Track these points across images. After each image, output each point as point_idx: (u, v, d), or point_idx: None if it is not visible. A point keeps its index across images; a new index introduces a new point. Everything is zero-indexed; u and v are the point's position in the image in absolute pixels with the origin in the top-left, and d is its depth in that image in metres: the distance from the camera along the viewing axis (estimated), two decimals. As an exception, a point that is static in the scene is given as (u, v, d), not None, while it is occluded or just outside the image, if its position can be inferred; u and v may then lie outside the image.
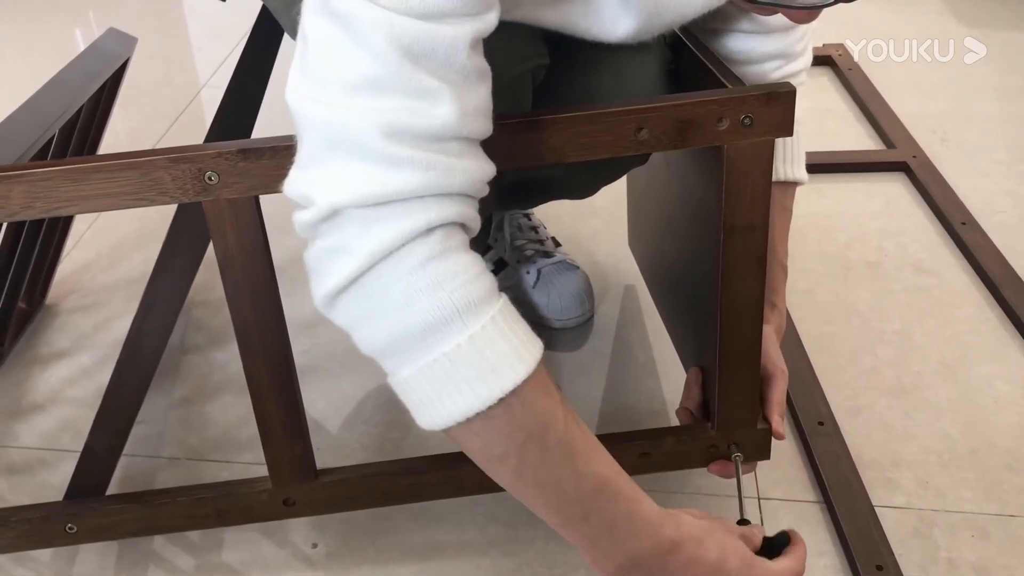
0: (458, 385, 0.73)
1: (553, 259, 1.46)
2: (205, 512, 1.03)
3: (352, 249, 0.71)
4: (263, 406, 0.97)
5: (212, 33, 2.57)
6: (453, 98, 0.70)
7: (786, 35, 1.06)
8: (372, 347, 0.76)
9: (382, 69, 0.69)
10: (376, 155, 0.69)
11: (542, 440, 0.77)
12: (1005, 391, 1.32)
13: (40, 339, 1.48)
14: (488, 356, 0.73)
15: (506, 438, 0.77)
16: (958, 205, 1.69)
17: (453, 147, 0.72)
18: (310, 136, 0.72)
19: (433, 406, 0.75)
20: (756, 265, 0.93)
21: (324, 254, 0.73)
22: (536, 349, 0.77)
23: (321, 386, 1.35)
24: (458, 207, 0.73)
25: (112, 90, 1.44)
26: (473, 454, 0.80)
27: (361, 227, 0.71)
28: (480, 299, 0.73)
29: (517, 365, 0.74)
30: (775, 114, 0.86)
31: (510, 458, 0.78)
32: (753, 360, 0.98)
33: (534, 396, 0.76)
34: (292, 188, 0.74)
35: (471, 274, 0.73)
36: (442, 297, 0.71)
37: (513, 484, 0.81)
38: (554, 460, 0.78)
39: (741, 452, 1.03)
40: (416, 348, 0.73)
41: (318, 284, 0.75)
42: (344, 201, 0.70)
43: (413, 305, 0.71)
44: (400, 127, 0.69)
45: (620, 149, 0.87)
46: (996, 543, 1.11)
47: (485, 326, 0.73)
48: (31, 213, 0.84)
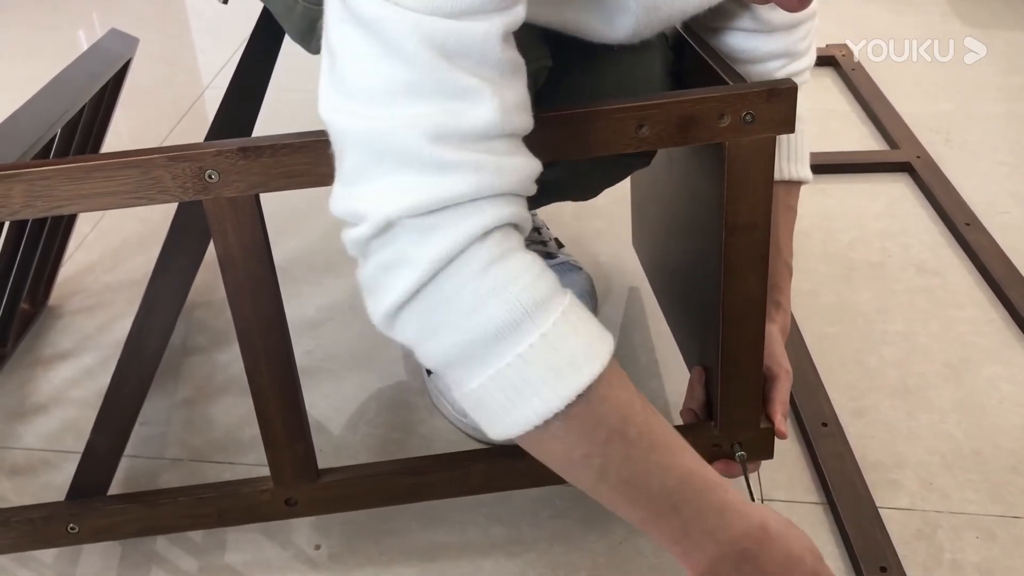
0: (535, 386, 0.72)
1: (556, 260, 1.46)
2: (207, 512, 1.03)
3: (410, 261, 0.70)
4: (265, 406, 0.97)
5: (215, 34, 2.58)
6: (493, 94, 0.69)
7: (789, 34, 1.05)
8: (441, 359, 0.74)
9: (418, 72, 0.67)
10: (424, 162, 0.68)
11: (624, 434, 0.76)
12: (1009, 392, 1.32)
13: (43, 340, 1.48)
14: (563, 353, 0.72)
15: (588, 436, 0.75)
16: (962, 206, 1.69)
17: (500, 145, 0.71)
18: (352, 151, 0.70)
19: (509, 413, 0.73)
20: (758, 263, 0.93)
21: (380, 270, 0.72)
22: (608, 341, 0.76)
23: (324, 387, 1.35)
24: (511, 207, 0.72)
25: (114, 90, 1.44)
26: (554, 459, 0.78)
27: (418, 237, 0.69)
28: (547, 296, 0.72)
29: (593, 359, 0.73)
30: (777, 110, 0.86)
31: (593, 457, 0.76)
32: (756, 359, 0.98)
33: (612, 390, 0.75)
34: (340, 205, 0.72)
35: (534, 273, 0.72)
36: (509, 298, 0.70)
37: (596, 485, 0.79)
38: (638, 454, 0.77)
39: (744, 452, 1.03)
40: (488, 353, 0.71)
41: (376, 302, 0.73)
42: (397, 212, 0.69)
43: (481, 310, 0.70)
44: (445, 130, 0.68)
45: (621, 147, 0.86)
46: (1001, 544, 1.11)
47: (556, 323, 0.72)
48: (31, 212, 0.84)
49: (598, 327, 0.76)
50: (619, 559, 1.09)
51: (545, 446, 0.76)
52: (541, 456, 0.78)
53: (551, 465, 0.79)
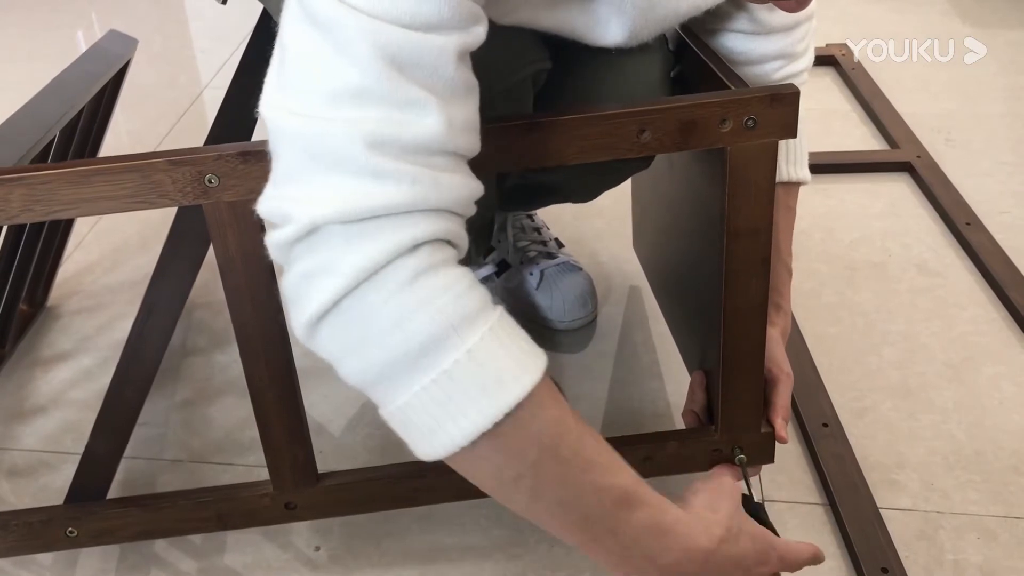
0: (461, 405, 0.68)
1: (556, 260, 1.46)
2: (206, 516, 1.02)
3: (334, 269, 0.67)
4: (264, 409, 0.96)
5: (214, 35, 2.57)
6: (440, 109, 0.68)
7: (787, 35, 1.05)
8: (362, 376, 0.70)
9: (367, 78, 0.66)
10: (360, 167, 0.66)
11: (556, 452, 0.73)
12: (1011, 392, 1.32)
13: (42, 341, 1.48)
14: (490, 369, 0.69)
15: (518, 456, 0.72)
16: (962, 205, 1.68)
17: (440, 161, 0.69)
18: (288, 150, 0.68)
19: (435, 433, 0.70)
20: (760, 268, 0.92)
21: (302, 279, 0.69)
22: (540, 358, 0.73)
23: (324, 389, 1.35)
24: (445, 223, 0.70)
25: (113, 92, 1.44)
26: (483, 481, 0.75)
27: (344, 243, 0.67)
28: (475, 311, 0.69)
29: (522, 376, 0.70)
30: (779, 115, 0.85)
31: (524, 478, 0.73)
32: (757, 363, 0.98)
33: (542, 407, 0.72)
34: (267, 206, 0.70)
35: (463, 286, 0.69)
36: (434, 312, 0.67)
37: (530, 507, 0.76)
38: (571, 473, 0.74)
39: (745, 456, 1.02)
40: (411, 370, 0.68)
41: (297, 312, 0.70)
42: (325, 216, 0.66)
43: (404, 324, 0.67)
44: (386, 138, 0.66)
45: (622, 151, 0.86)
46: (1002, 545, 1.11)
47: (484, 337, 0.69)
48: (31, 216, 0.84)
49: (529, 344, 0.73)
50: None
51: (475, 467, 0.74)
52: (472, 477, 0.75)
53: (483, 487, 0.76)
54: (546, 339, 1.43)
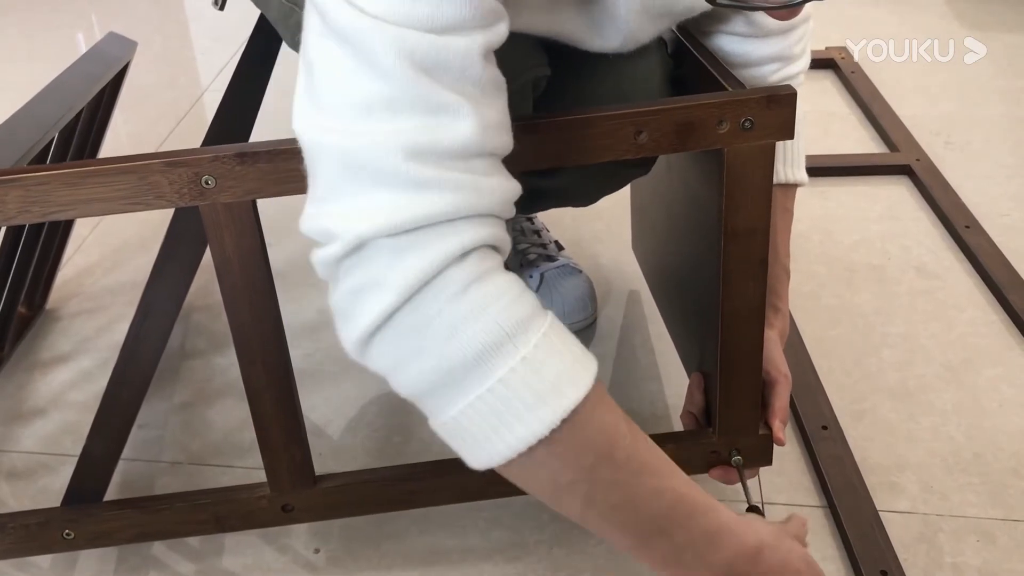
0: (517, 412, 0.68)
1: (556, 263, 1.46)
2: (204, 518, 1.02)
3: (384, 283, 0.67)
4: (261, 412, 0.96)
5: (214, 37, 2.58)
6: (473, 111, 0.67)
7: (784, 37, 1.05)
8: (417, 388, 0.71)
9: (396, 87, 0.65)
10: (400, 179, 0.65)
11: (611, 458, 0.73)
12: (1010, 395, 1.32)
13: (42, 343, 1.48)
14: (545, 376, 0.69)
15: (574, 462, 0.72)
16: (962, 208, 1.68)
17: (479, 165, 0.69)
18: (326, 167, 0.68)
19: (491, 441, 0.70)
20: (757, 269, 0.92)
21: (352, 295, 0.68)
22: (591, 363, 0.73)
23: (323, 390, 1.35)
24: (490, 228, 0.69)
25: (112, 94, 1.44)
26: (540, 487, 0.75)
27: (392, 258, 0.66)
28: (528, 318, 0.69)
29: (576, 382, 0.70)
30: (776, 116, 0.85)
31: (580, 484, 0.73)
32: (755, 365, 0.98)
33: (597, 412, 0.72)
34: (310, 224, 0.70)
35: (514, 294, 0.69)
36: (488, 321, 0.67)
37: (584, 512, 0.76)
38: (626, 478, 0.75)
39: (742, 458, 1.03)
40: (466, 380, 0.68)
41: (349, 328, 0.70)
42: (371, 231, 0.66)
43: (459, 334, 0.67)
44: (423, 146, 0.66)
45: (620, 153, 0.86)
46: (1002, 548, 1.10)
47: (538, 345, 0.69)
48: (27, 217, 0.84)
49: (580, 348, 0.73)
50: (620, 562, 1.09)
51: (530, 474, 0.74)
52: (526, 485, 0.75)
53: (537, 494, 0.76)
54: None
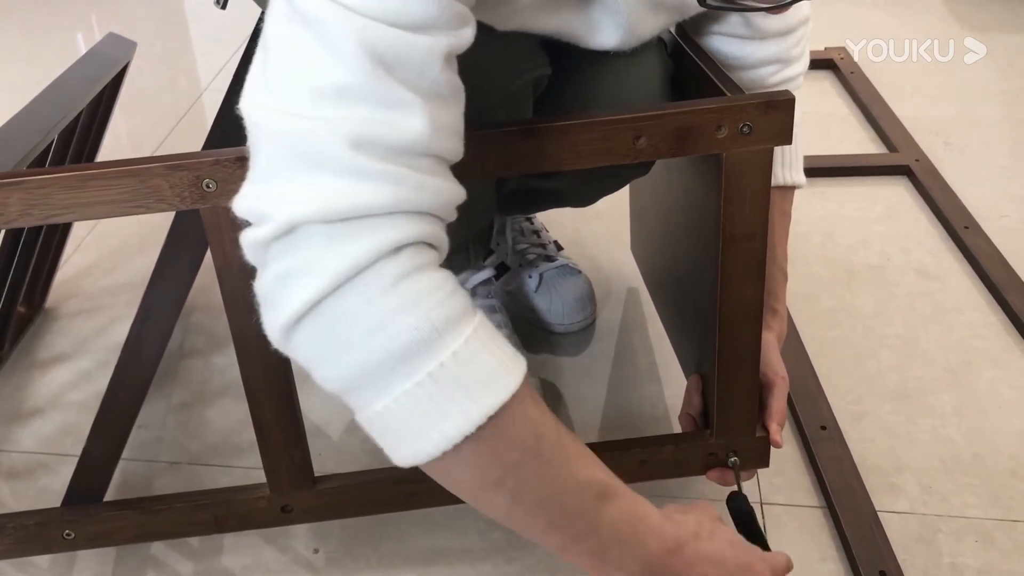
0: (444, 408, 0.68)
1: (555, 263, 1.46)
2: (203, 519, 1.03)
3: (313, 269, 0.66)
4: (261, 414, 0.97)
5: (214, 37, 2.58)
6: (425, 111, 0.67)
7: (783, 39, 1.05)
8: (341, 381, 0.69)
9: (352, 76, 0.65)
10: (342, 167, 0.65)
11: (537, 452, 0.73)
12: (1009, 396, 1.32)
13: (41, 343, 1.48)
14: (474, 372, 0.68)
15: (500, 458, 0.72)
16: (961, 209, 1.69)
17: (424, 163, 0.68)
18: (268, 147, 0.67)
19: (417, 438, 0.69)
20: (755, 272, 0.92)
21: (279, 279, 0.67)
22: (520, 361, 0.73)
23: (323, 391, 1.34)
24: (428, 226, 0.69)
25: (111, 95, 1.44)
26: (464, 486, 0.74)
27: (323, 244, 0.66)
28: (459, 314, 0.69)
29: (505, 378, 0.70)
30: (774, 122, 0.85)
31: (506, 480, 0.72)
32: (752, 368, 0.98)
33: (524, 408, 0.72)
34: (244, 204, 0.69)
35: (446, 290, 0.69)
36: (419, 316, 0.66)
37: (511, 510, 0.75)
38: (553, 471, 0.74)
39: (740, 460, 1.03)
40: (394, 373, 0.67)
41: (273, 314, 0.69)
42: (305, 215, 0.65)
43: (388, 327, 0.66)
44: (370, 138, 0.65)
45: (619, 157, 0.86)
46: (1000, 548, 1.11)
47: (468, 340, 0.68)
48: (28, 220, 0.84)
49: (509, 346, 0.73)
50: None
51: (456, 472, 0.73)
52: (451, 484, 0.74)
53: (462, 494, 0.75)
54: (545, 341, 1.43)
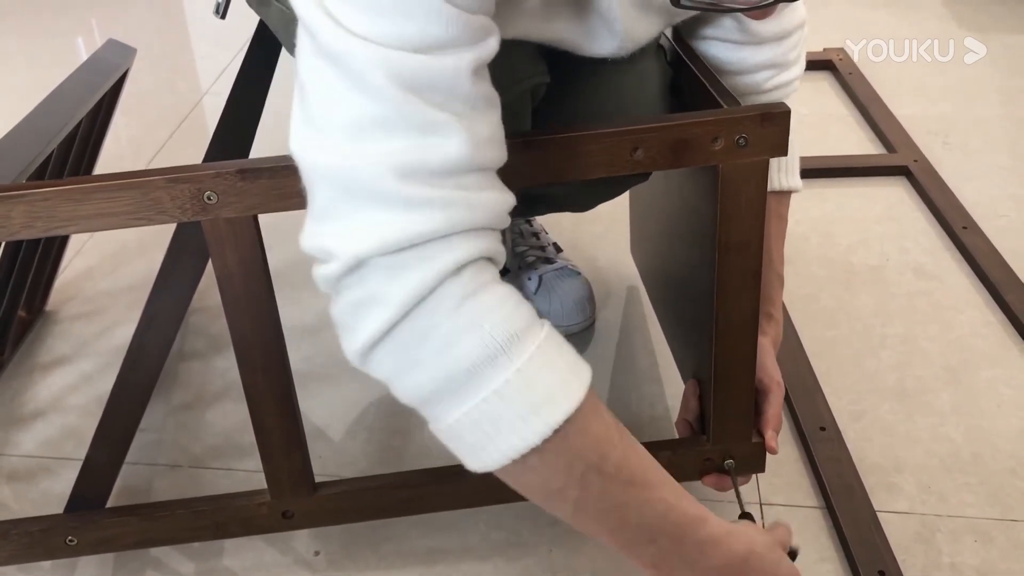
0: (511, 422, 0.71)
1: (554, 265, 1.46)
2: (204, 525, 1.03)
3: (382, 299, 0.69)
4: (262, 421, 0.97)
5: (214, 41, 2.58)
6: (463, 129, 0.68)
7: (778, 44, 1.05)
8: (416, 396, 0.73)
9: (385, 107, 0.66)
10: (393, 199, 0.67)
11: (601, 468, 0.75)
12: (1008, 395, 1.32)
13: (42, 346, 1.48)
14: (538, 387, 0.71)
15: (564, 470, 0.74)
16: (960, 209, 1.69)
17: (470, 180, 0.70)
18: (322, 187, 0.70)
19: (486, 448, 0.72)
20: (751, 282, 0.93)
21: (352, 308, 0.71)
22: (585, 374, 0.75)
23: (324, 393, 1.35)
24: (484, 242, 0.71)
25: (110, 103, 1.44)
26: (531, 491, 0.77)
27: (389, 275, 0.69)
28: (522, 330, 0.71)
29: (568, 393, 0.73)
30: (770, 134, 0.86)
31: (570, 490, 0.75)
32: (748, 375, 0.99)
33: (588, 423, 0.74)
34: (310, 243, 0.72)
35: (509, 306, 0.71)
36: (483, 334, 0.69)
37: (574, 516, 0.78)
38: (615, 488, 0.76)
39: (736, 466, 1.04)
40: (463, 390, 0.71)
41: (350, 339, 0.72)
42: (367, 251, 0.68)
43: (455, 347, 0.69)
44: (413, 167, 0.67)
45: (616, 169, 0.86)
46: (999, 548, 1.11)
47: (532, 357, 0.71)
48: (31, 232, 0.84)
49: (575, 359, 0.75)
50: (618, 562, 1.09)
51: (523, 479, 0.76)
52: (519, 487, 0.77)
53: (529, 496, 0.78)
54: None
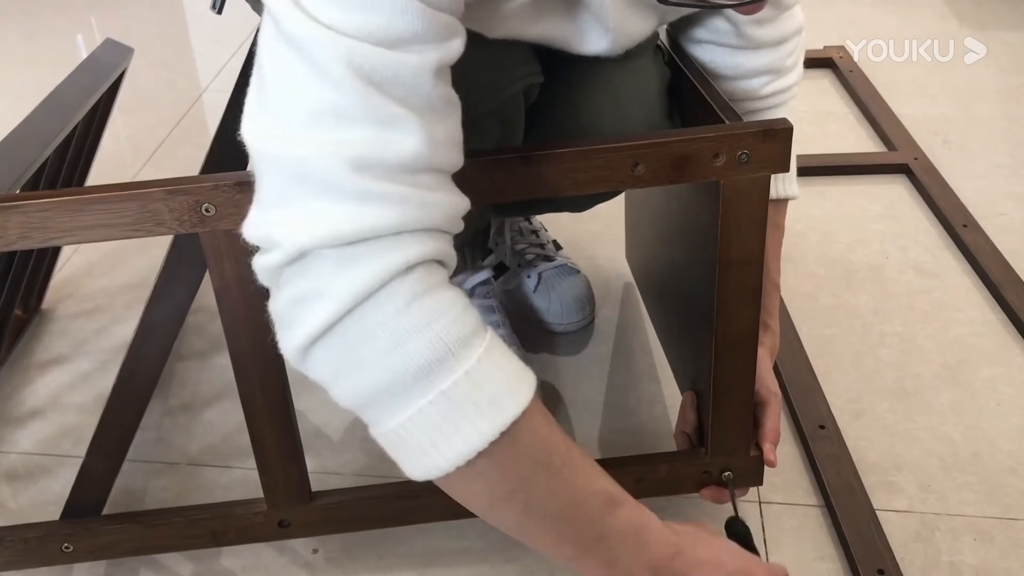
0: (457, 424, 0.69)
1: (554, 263, 1.46)
2: (200, 533, 1.03)
3: (326, 293, 0.67)
4: (259, 431, 0.97)
5: (213, 38, 2.57)
6: (421, 127, 0.67)
7: (775, 50, 1.05)
8: (358, 399, 0.71)
9: (344, 98, 0.65)
10: (346, 190, 0.66)
11: (548, 465, 0.75)
12: (1007, 394, 1.32)
13: (39, 344, 1.48)
14: (486, 389, 0.70)
15: (512, 472, 0.74)
16: (959, 207, 1.68)
17: (425, 179, 0.69)
18: (272, 174, 0.68)
19: (430, 454, 0.71)
20: (751, 297, 0.93)
21: (292, 302, 0.69)
22: (530, 377, 0.74)
23: (321, 392, 1.34)
24: (436, 243, 0.70)
25: (107, 105, 1.43)
26: (477, 499, 0.76)
27: (335, 269, 0.67)
28: (471, 333, 0.70)
29: (516, 394, 0.72)
30: (771, 150, 0.85)
31: (518, 493, 0.75)
32: (747, 389, 0.99)
33: (535, 423, 0.74)
34: (253, 231, 0.70)
35: (458, 309, 0.70)
36: (432, 336, 0.68)
37: (522, 523, 0.77)
38: (562, 484, 0.76)
39: (734, 478, 1.04)
40: (409, 392, 0.69)
41: (289, 335, 0.71)
42: (313, 242, 0.66)
43: (402, 347, 0.68)
44: (370, 159, 0.66)
45: (617, 184, 0.86)
46: (998, 547, 1.11)
47: (480, 359, 0.70)
48: (27, 243, 0.84)
49: (519, 363, 0.74)
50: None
51: (469, 486, 0.75)
52: (464, 497, 0.76)
53: (475, 507, 0.77)
54: (543, 341, 1.43)
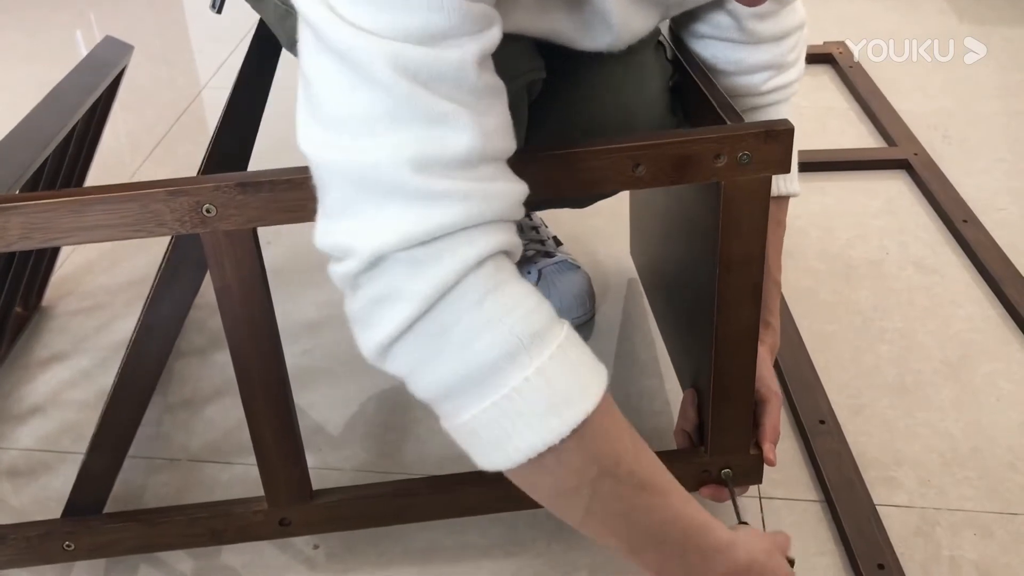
0: (528, 420, 0.70)
1: (554, 259, 1.46)
2: (201, 531, 1.04)
3: (403, 295, 0.68)
4: (260, 431, 0.97)
5: (212, 35, 2.56)
6: (472, 120, 0.68)
7: (777, 45, 1.05)
8: (434, 391, 0.72)
9: (394, 100, 0.66)
10: (410, 192, 0.66)
11: (614, 471, 0.75)
12: (1007, 389, 1.32)
13: (40, 341, 1.48)
14: (557, 387, 0.71)
15: (578, 472, 0.74)
16: (959, 203, 1.68)
17: (484, 171, 0.69)
18: (335, 184, 0.69)
19: (501, 446, 0.72)
20: (752, 296, 0.93)
21: (371, 304, 0.70)
22: (603, 375, 0.75)
23: (321, 387, 1.35)
24: (502, 234, 0.71)
25: (106, 103, 1.43)
26: (542, 492, 0.77)
27: (409, 271, 0.68)
28: (544, 329, 0.71)
29: (587, 393, 0.72)
30: (773, 151, 0.85)
31: (582, 492, 0.75)
32: (747, 387, 0.99)
33: (605, 424, 0.74)
34: (326, 240, 0.71)
35: (530, 304, 0.71)
36: (505, 331, 0.69)
37: (583, 519, 0.78)
38: (626, 492, 0.77)
39: (733, 477, 1.04)
40: (482, 386, 0.70)
41: (368, 335, 0.72)
42: (385, 247, 0.67)
43: (476, 343, 0.69)
44: (429, 158, 0.66)
45: (618, 185, 0.86)
46: (998, 541, 1.11)
47: (553, 356, 0.71)
48: (28, 243, 0.84)
49: (593, 360, 0.75)
50: (618, 558, 1.09)
51: (535, 479, 0.76)
52: (530, 488, 0.77)
53: (539, 498, 0.78)
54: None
